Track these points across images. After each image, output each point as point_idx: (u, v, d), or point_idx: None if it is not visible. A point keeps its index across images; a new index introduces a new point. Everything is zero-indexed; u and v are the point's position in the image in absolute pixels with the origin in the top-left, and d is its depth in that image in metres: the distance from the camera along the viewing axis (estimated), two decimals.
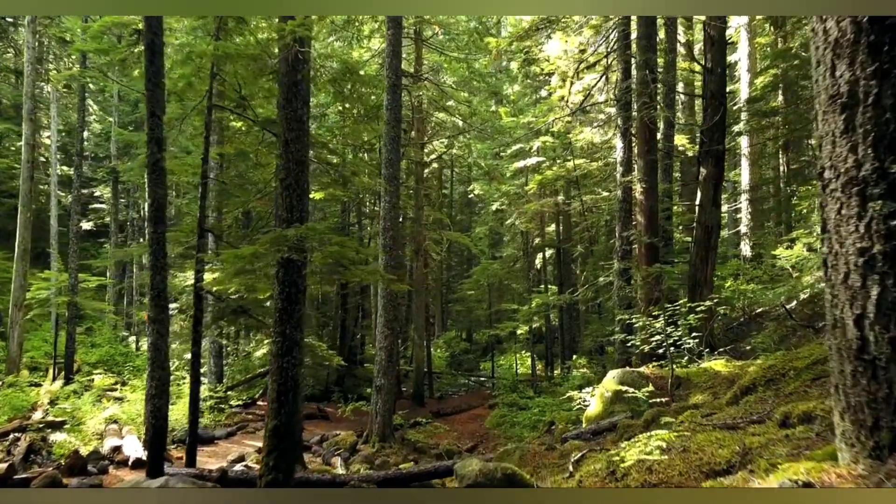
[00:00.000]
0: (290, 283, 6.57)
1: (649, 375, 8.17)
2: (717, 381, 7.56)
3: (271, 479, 6.19)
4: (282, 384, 6.41)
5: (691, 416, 5.01)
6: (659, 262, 12.32)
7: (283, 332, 6.50)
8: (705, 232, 11.78)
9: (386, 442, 13.58)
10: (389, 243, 13.83)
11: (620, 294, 12.37)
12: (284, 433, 6.35)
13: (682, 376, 8.03)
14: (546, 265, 28.33)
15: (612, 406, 8.18)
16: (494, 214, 30.60)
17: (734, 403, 5.41)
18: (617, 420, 7.45)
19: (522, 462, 6.86)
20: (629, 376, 8.20)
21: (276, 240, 6.32)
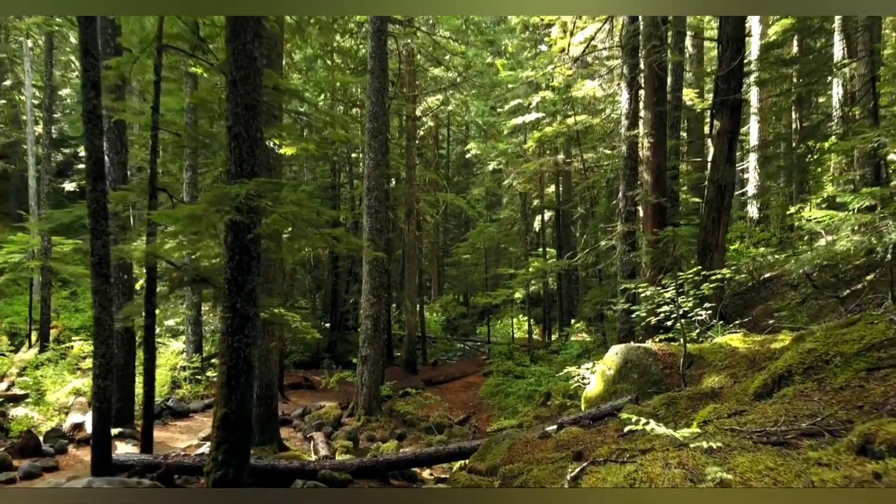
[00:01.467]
0: (241, 250, 5.60)
1: (656, 352, 7.26)
2: (734, 360, 6.65)
3: (220, 477, 5.34)
4: (232, 367, 5.50)
5: (715, 412, 4.09)
6: (666, 224, 11.33)
7: (232, 306, 5.56)
8: (718, 191, 10.73)
9: (372, 415, 12.83)
10: (375, 205, 12.81)
11: (623, 259, 11.41)
12: (236, 423, 5.47)
13: (694, 353, 7.12)
14: (545, 228, 27.33)
15: (614, 385, 7.30)
16: (492, 175, 29.45)
17: (765, 396, 4.48)
18: (621, 404, 6.56)
19: (511, 455, 5.99)
20: (634, 353, 7.29)
21: (217, 198, 5.32)
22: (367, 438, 12.10)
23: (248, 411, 5.59)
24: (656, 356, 7.19)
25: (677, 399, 5.67)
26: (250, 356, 5.59)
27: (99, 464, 6.60)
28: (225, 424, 5.45)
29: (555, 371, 15.62)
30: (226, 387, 5.50)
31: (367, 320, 12.83)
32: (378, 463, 6.96)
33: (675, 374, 6.94)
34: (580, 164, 20.24)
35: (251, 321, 5.64)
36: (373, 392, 12.84)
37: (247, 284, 5.63)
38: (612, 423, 6.34)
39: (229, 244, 5.62)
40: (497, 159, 23.82)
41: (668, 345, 7.46)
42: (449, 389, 17.66)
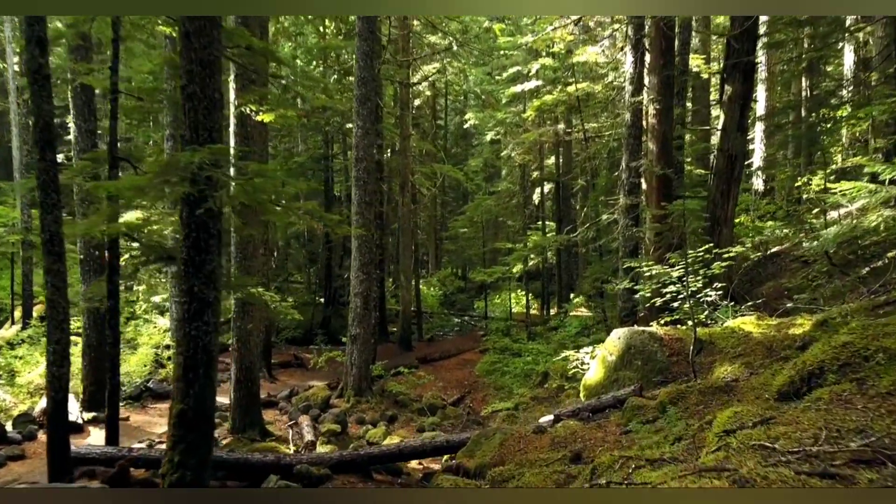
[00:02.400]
0: (198, 227, 4.96)
1: (662, 337, 6.67)
2: (748, 347, 6.05)
3: (177, 480, 4.79)
4: (189, 357, 4.91)
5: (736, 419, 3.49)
6: (672, 196, 10.65)
7: (189, 289, 4.94)
8: (728, 161, 10.05)
9: (362, 396, 12.31)
10: (363, 176, 12.10)
11: (626, 234, 10.76)
12: (194, 419, 4.89)
13: (704, 338, 6.52)
14: (544, 201, 26.60)
15: (616, 373, 6.72)
16: (491, 146, 28.61)
17: (792, 396, 3.88)
18: (623, 395, 5.99)
19: (502, 452, 5.44)
20: (638, 337, 6.70)
21: (166, 168, 4.65)
22: (356, 421, 11.60)
23: (208, 406, 5.00)
24: (662, 341, 6.61)
25: (687, 393, 5.08)
26: (210, 345, 4.99)
27: (55, 460, 6.06)
28: (182, 422, 4.87)
29: (553, 349, 15.11)
30: (182, 380, 4.90)
31: (357, 298, 12.23)
32: (359, 457, 6.41)
33: (683, 361, 6.37)
34: (581, 134, 19.44)
35: (211, 306, 5.02)
36: (363, 372, 12.31)
37: (205, 265, 4.99)
38: (613, 416, 5.78)
39: (185, 220, 4.97)
40: (495, 129, 22.99)
41: (675, 329, 6.86)
42: (444, 367, 17.17)
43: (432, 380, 14.40)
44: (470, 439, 5.98)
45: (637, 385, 6.01)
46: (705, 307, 7.34)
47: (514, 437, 5.64)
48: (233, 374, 9.45)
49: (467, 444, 5.95)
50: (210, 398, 5.09)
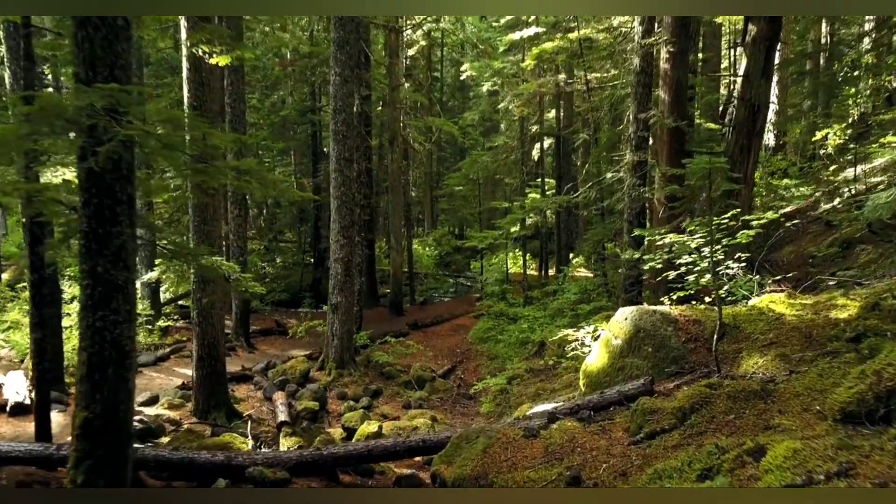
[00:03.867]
0: (102, 192, 3.92)
1: (677, 318, 5.69)
2: (782, 333, 5.08)
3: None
4: (95, 354, 3.94)
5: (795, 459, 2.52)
6: (685, 152, 9.54)
7: (92, 269, 3.93)
8: (750, 112, 8.91)
9: (345, 368, 11.47)
10: (342, 129, 10.95)
11: (632, 195, 9.68)
12: (103, 429, 3.96)
13: (727, 320, 5.54)
14: (544, 156, 25.35)
15: (621, 359, 5.77)
16: (488, 98, 27.15)
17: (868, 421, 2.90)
18: (631, 390, 5.04)
19: (486, 462, 4.52)
20: (648, 319, 5.71)
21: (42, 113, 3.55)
22: (337, 396, 10.77)
23: (122, 414, 4.06)
24: (676, 324, 5.62)
25: (713, 399, 4.12)
26: (121, 338, 4.01)
27: None
28: (87, 433, 3.94)
29: (550, 315, 14.22)
30: (87, 381, 3.94)
31: (337, 264, 11.24)
32: (321, 458, 5.51)
33: (702, 348, 5.40)
34: (583, 84, 18.11)
35: (121, 290, 4.02)
36: (345, 343, 11.42)
37: (111, 239, 3.97)
38: (619, 416, 4.84)
39: (83, 182, 3.93)
40: (492, 80, 21.58)
41: (692, 308, 5.87)
42: (436, 333, 16.32)
43: (422, 349, 13.53)
44: (450, 442, 5.06)
45: (647, 379, 5.06)
46: (727, 282, 6.35)
47: (501, 442, 4.71)
48: (194, 351, 8.53)
49: (446, 447, 5.04)
50: (124, 403, 4.13)
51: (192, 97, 8.07)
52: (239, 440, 6.65)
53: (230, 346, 12.95)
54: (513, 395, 10.43)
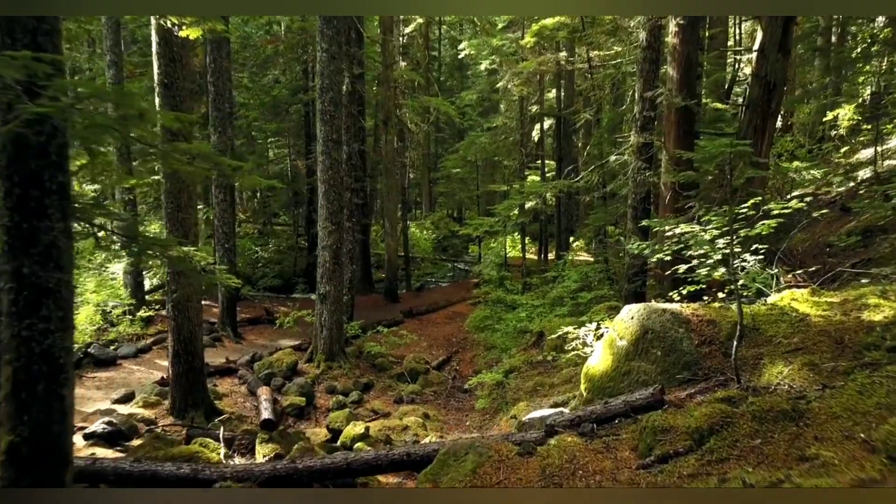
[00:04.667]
0: (26, 179, 3.36)
1: (689, 318, 5.14)
2: (808, 337, 4.54)
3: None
4: (22, 368, 3.40)
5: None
6: (694, 133, 8.94)
7: (16, 271, 3.38)
8: (765, 90, 8.29)
9: (334, 360, 10.97)
10: (329, 109, 10.32)
11: (637, 179, 9.09)
12: (33, 457, 3.43)
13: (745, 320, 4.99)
14: (544, 137, 24.66)
15: (627, 363, 5.24)
16: (487, 78, 26.37)
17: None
18: (638, 400, 4.51)
19: (476, 483, 4.00)
20: (657, 319, 5.17)
21: None
22: (326, 390, 10.28)
23: (55, 435, 3.53)
24: (689, 324, 5.08)
25: (735, 419, 3.58)
26: (53, 350, 3.47)
27: None
28: (14, 459, 3.42)
29: (549, 303, 13.70)
30: (13, 400, 3.41)
31: (325, 252, 10.68)
32: (296, 471, 5.00)
33: (718, 352, 4.86)
34: (585, 62, 17.40)
35: (54, 294, 3.47)
36: (334, 334, 10.90)
37: (39, 235, 3.41)
38: (626, 432, 4.31)
39: (3, 171, 3.36)
40: (490, 58, 20.82)
41: (706, 307, 5.32)
42: (432, 321, 15.82)
43: (416, 339, 13.04)
44: (436, 458, 4.54)
45: (657, 388, 4.53)
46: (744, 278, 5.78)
47: (493, 461, 4.19)
48: (169, 346, 8.01)
49: (433, 463, 4.52)
50: (58, 424, 3.60)
51: (162, 74, 7.45)
52: (212, 446, 6.15)
53: (216, 336, 12.46)
54: (510, 389, 9.94)
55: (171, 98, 7.50)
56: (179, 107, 7.56)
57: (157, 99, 7.56)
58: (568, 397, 7.34)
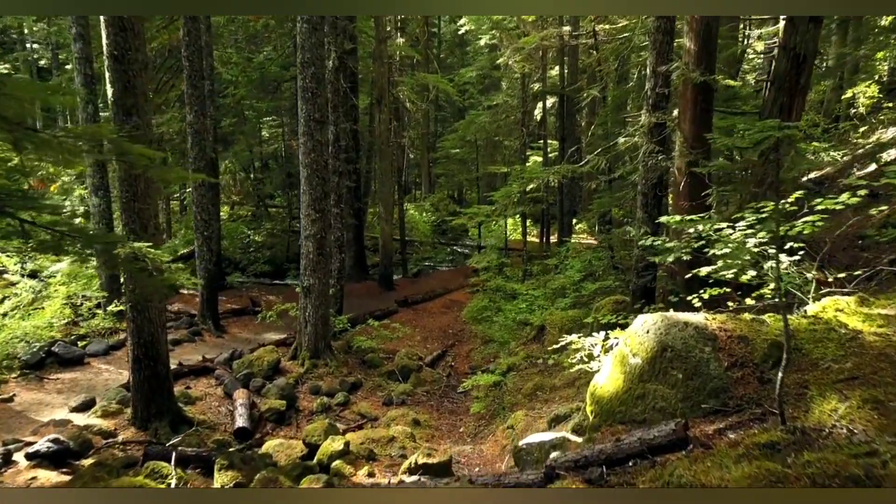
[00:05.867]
0: None
1: (715, 334, 4.34)
2: (863, 361, 3.73)
3: None
4: None
5: None
6: (712, 111, 8.06)
7: None
8: (793, 63, 7.38)
9: (320, 357, 10.24)
10: (311, 85, 9.43)
11: (649, 163, 8.22)
12: None
13: (780, 336, 4.20)
14: (546, 116, 23.65)
15: (642, 384, 4.45)
16: (488, 54, 25.29)
17: None
18: (657, 437, 3.73)
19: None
20: (677, 334, 4.37)
21: None
22: (310, 390, 9.57)
23: None
24: (716, 342, 4.28)
25: (786, 482, 2.79)
26: None
27: None
28: None
29: (550, 294, 12.89)
30: None
31: (309, 241, 9.88)
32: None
33: (752, 377, 4.06)
34: (590, 37, 16.38)
35: None
36: (319, 330, 10.15)
37: None
38: (643, 478, 3.53)
39: None
40: (490, 33, 19.79)
41: (735, 319, 4.50)
42: (427, 311, 15.07)
43: (409, 332, 12.29)
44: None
45: (679, 423, 3.74)
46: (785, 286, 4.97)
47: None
48: (129, 351, 7.24)
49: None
50: None
51: (111, 44, 6.58)
52: (166, 470, 5.39)
53: (195, 329, 11.70)
54: (508, 390, 9.21)
55: (123, 72, 6.64)
56: (133, 82, 6.70)
57: (107, 73, 6.70)
58: (571, 409, 6.58)
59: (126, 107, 6.76)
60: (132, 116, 6.78)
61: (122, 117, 6.76)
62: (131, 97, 6.76)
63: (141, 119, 6.85)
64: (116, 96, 6.74)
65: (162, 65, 15.40)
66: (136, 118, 6.80)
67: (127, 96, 6.74)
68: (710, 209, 7.68)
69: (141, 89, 6.84)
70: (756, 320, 4.46)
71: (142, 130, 6.85)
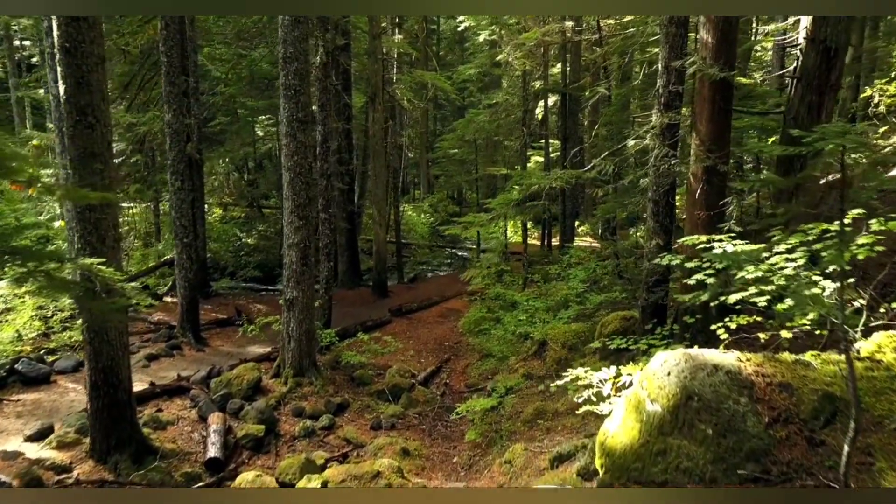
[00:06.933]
0: None
1: (751, 380, 3.61)
2: None
3: None
4: None
5: None
6: (731, 111, 7.33)
7: None
8: (823, 58, 6.67)
9: (304, 376, 9.53)
10: (294, 83, 8.71)
11: (660, 168, 7.50)
12: None
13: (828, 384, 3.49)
14: (548, 115, 22.93)
15: (662, 438, 3.73)
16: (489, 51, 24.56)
17: None
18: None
19: None
20: (705, 379, 3.65)
21: None
22: (292, 412, 8.84)
23: None
24: (752, 390, 3.56)
25: None
26: None
27: None
28: None
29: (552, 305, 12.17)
30: None
31: (292, 251, 9.17)
32: None
33: (799, 438, 3.34)
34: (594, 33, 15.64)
35: None
36: (303, 346, 9.44)
37: None
38: None
39: None
40: (490, 28, 19.06)
41: (772, 360, 3.78)
42: (422, 321, 14.36)
43: (401, 346, 11.57)
44: None
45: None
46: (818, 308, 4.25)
47: None
48: (87, 376, 6.54)
49: None
50: None
51: (62, 35, 5.87)
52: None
53: (174, 343, 11.00)
54: (506, 413, 8.48)
55: (76, 67, 5.93)
56: (87, 78, 6.00)
57: (58, 68, 5.99)
58: (575, 447, 5.86)
59: (80, 106, 6.05)
60: (86, 116, 6.08)
61: (75, 117, 6.05)
62: (86, 95, 6.05)
63: (97, 119, 6.14)
64: (69, 94, 6.03)
65: (146, 61, 14.71)
66: (91, 118, 6.10)
67: (80, 94, 6.03)
68: (730, 220, 6.97)
69: (97, 86, 6.13)
70: (799, 363, 3.74)
71: (97, 132, 6.15)
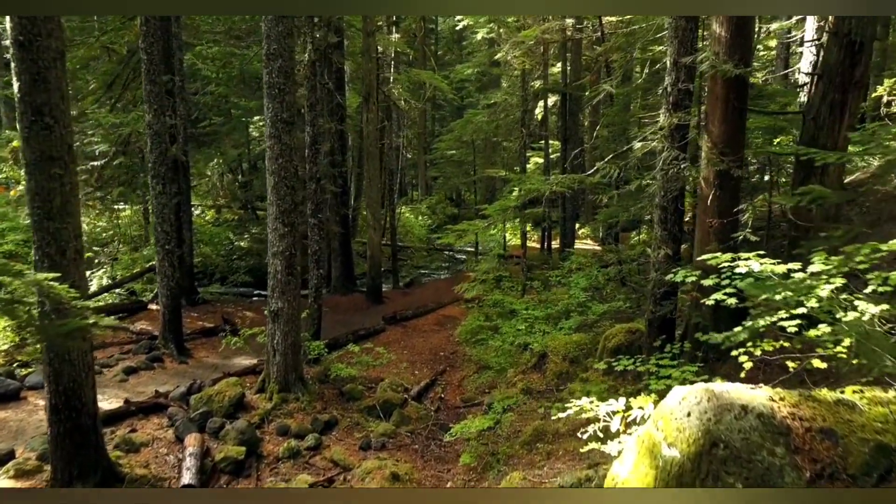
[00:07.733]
0: None
1: (787, 424, 3.09)
2: None
3: None
4: None
5: None
6: (746, 111, 6.83)
7: None
8: (847, 53, 6.17)
9: (290, 391, 9.00)
10: (279, 81, 8.20)
11: (669, 172, 6.98)
12: None
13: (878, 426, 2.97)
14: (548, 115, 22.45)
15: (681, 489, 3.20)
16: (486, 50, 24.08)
17: None
18: None
19: None
20: (732, 423, 3.13)
21: None
22: (277, 430, 8.33)
23: None
24: (789, 437, 3.03)
25: None
26: None
27: None
28: None
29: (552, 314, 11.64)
30: None
31: (277, 259, 8.66)
32: None
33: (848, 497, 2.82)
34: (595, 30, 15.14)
35: None
36: (289, 360, 8.92)
37: None
38: None
39: None
40: (488, 26, 18.57)
41: (810, 401, 3.25)
42: (418, 329, 13.84)
43: (394, 358, 11.06)
44: None
45: None
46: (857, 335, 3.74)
47: None
48: (47, 400, 6.02)
49: None
50: None
51: (16, 28, 5.35)
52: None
53: (155, 355, 10.48)
54: (503, 433, 7.98)
55: (31, 62, 5.42)
56: (44, 75, 5.48)
57: (13, 64, 5.47)
58: (578, 479, 5.35)
59: (36, 105, 5.53)
60: (43, 116, 5.56)
61: (30, 117, 5.53)
62: (42, 93, 5.54)
63: (55, 120, 5.62)
64: (24, 92, 5.52)
65: (131, 59, 14.18)
66: (49, 118, 5.58)
67: (37, 92, 5.52)
68: (745, 228, 6.46)
69: (55, 84, 5.61)
70: (843, 403, 3.21)
71: (55, 133, 5.63)
